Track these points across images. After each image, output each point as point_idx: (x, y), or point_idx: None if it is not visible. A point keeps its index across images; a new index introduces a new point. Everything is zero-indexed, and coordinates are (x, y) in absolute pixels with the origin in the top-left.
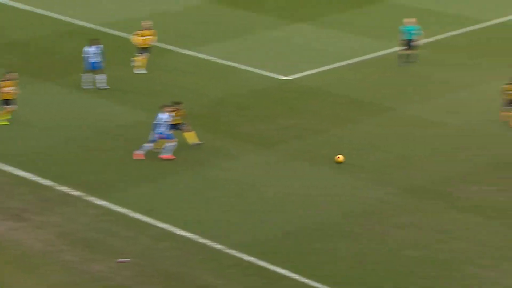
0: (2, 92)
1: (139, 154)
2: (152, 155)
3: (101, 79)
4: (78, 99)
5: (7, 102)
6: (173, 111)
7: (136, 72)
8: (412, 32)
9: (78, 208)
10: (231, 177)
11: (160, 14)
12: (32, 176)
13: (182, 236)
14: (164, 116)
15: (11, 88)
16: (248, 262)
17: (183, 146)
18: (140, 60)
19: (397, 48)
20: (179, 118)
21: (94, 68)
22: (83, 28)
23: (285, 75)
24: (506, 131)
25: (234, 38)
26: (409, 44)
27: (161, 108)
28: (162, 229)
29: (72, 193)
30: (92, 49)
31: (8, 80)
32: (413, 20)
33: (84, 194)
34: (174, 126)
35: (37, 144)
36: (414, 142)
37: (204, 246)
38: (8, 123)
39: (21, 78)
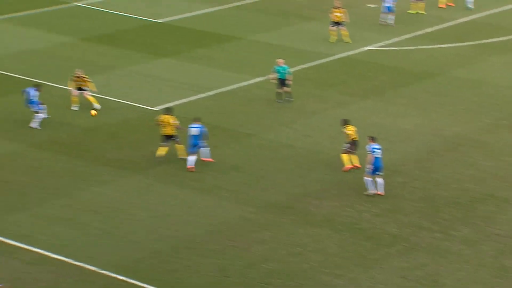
0: None
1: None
2: (18, 184)
3: None
4: None
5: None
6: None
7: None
8: (284, 72)
9: None
10: (103, 201)
11: (27, 51)
12: None
13: (56, 260)
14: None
15: None
16: (121, 281)
17: (52, 172)
18: None
19: (253, 80)
20: (171, 129)
21: None
22: None
23: (153, 106)
24: None
25: (103, 73)
26: (282, 82)
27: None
28: (36, 253)
29: None
30: None
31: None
32: (282, 60)
33: None
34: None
35: None
36: (271, 163)
37: (78, 268)
38: None
39: None
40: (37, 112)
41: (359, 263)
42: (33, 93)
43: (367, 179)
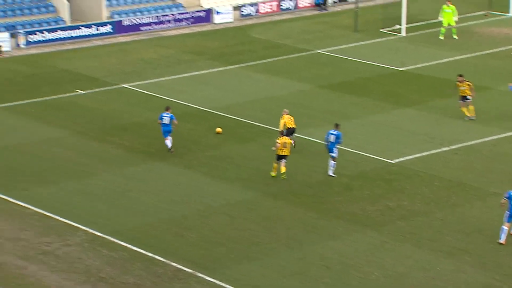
0: None
1: None
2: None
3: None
4: (187, 178)
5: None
6: None
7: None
8: None
9: (190, 285)
10: (335, 256)
11: (266, 98)
12: (146, 252)
13: None
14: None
15: None
16: None
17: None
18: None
19: (503, 134)
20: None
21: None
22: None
23: (391, 159)
24: None
25: (340, 122)
26: None
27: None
28: None
29: (184, 269)
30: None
31: None
32: None
33: (194, 271)
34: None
35: (149, 219)
36: None
37: None
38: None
39: (137, 157)
40: (334, 159)
41: None
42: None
43: None
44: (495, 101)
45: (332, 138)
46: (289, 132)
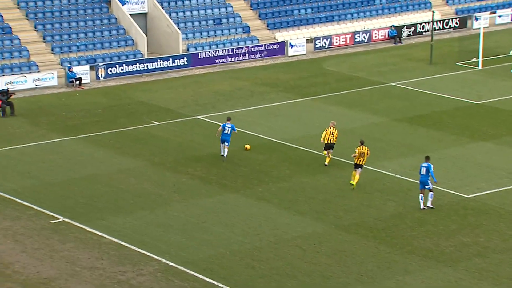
0: None
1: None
2: None
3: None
4: (259, 210)
5: None
6: None
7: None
8: None
9: None
10: None
11: (342, 130)
12: (217, 282)
13: None
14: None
15: None
16: None
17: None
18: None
19: None
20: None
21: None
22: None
23: (466, 193)
24: None
25: (415, 155)
26: None
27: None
28: None
29: None
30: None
31: None
32: None
33: None
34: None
35: (222, 250)
36: None
37: None
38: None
39: (211, 188)
40: (430, 190)
41: None
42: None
43: None
44: None
45: (423, 171)
46: (327, 147)
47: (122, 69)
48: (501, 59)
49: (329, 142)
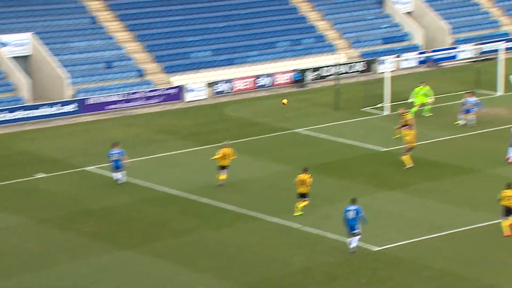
0: None
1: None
2: None
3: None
4: (156, 268)
5: None
6: None
7: None
8: None
9: None
10: None
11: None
12: None
13: None
14: None
15: None
16: None
17: None
18: None
19: (493, 221)
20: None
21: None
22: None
23: (377, 245)
24: None
25: (322, 205)
26: None
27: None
28: None
29: None
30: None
31: None
32: None
33: None
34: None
35: None
36: None
37: None
38: None
39: (103, 245)
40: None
41: None
42: None
43: None
44: (485, 185)
45: (351, 215)
46: (220, 168)
47: (3, 117)
48: (407, 105)
49: (221, 164)
